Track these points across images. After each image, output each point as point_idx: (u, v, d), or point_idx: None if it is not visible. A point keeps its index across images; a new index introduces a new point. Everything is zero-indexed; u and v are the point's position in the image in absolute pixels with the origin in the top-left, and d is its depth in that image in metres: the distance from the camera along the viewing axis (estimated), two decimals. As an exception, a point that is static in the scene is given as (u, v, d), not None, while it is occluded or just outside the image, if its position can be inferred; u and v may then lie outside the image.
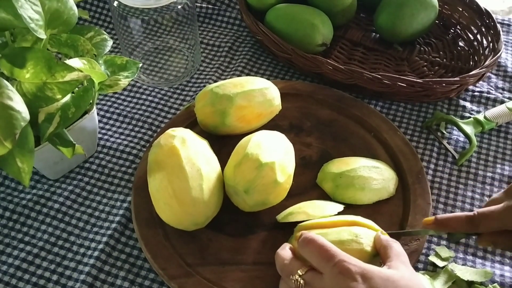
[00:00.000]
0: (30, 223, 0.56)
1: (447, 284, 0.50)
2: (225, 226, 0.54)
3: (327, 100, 0.65)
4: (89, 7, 0.81)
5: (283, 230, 0.53)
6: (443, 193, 0.59)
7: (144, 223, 0.53)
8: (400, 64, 0.74)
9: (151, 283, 0.51)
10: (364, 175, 0.55)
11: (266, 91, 0.59)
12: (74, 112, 0.49)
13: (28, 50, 0.45)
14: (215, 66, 0.74)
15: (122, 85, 0.55)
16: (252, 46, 0.77)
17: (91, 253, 0.53)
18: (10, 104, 0.41)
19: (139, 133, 0.65)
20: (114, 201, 0.58)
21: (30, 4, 0.45)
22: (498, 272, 0.52)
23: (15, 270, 0.52)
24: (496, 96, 0.70)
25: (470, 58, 0.75)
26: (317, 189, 0.57)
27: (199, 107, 0.59)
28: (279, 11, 0.73)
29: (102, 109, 0.68)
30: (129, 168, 0.61)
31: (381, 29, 0.75)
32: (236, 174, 0.50)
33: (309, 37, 0.70)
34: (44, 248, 0.54)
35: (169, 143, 0.51)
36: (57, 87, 0.45)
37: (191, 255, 0.51)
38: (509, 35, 0.81)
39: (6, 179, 0.59)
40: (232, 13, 0.81)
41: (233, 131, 0.59)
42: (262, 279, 0.50)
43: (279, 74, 0.73)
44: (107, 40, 0.58)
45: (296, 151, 0.57)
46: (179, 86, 0.71)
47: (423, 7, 0.72)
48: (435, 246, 0.54)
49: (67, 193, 0.58)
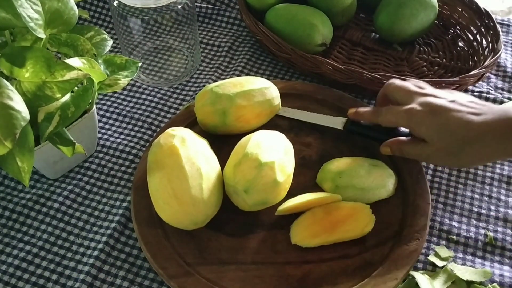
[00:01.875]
0: (29, 222, 0.56)
1: (447, 284, 0.50)
2: (225, 225, 0.54)
3: (327, 100, 0.65)
4: (89, 7, 0.81)
5: (282, 230, 0.53)
6: (443, 193, 0.59)
7: (143, 222, 0.53)
8: (400, 64, 0.75)
9: (151, 283, 0.51)
10: (364, 175, 0.55)
11: (266, 91, 0.59)
12: (74, 111, 0.49)
13: (28, 50, 0.45)
14: (214, 66, 0.74)
15: (122, 84, 0.55)
16: (252, 46, 0.77)
17: (91, 253, 0.53)
18: (10, 104, 0.41)
19: (138, 133, 0.65)
20: (114, 201, 0.58)
21: (29, 3, 0.45)
22: (498, 272, 0.52)
23: (14, 270, 0.52)
24: (496, 97, 0.70)
25: (470, 58, 0.75)
26: (316, 189, 0.57)
27: (199, 106, 0.59)
28: (279, 11, 0.73)
29: (102, 109, 0.68)
30: (128, 168, 0.61)
31: (381, 29, 0.75)
32: (236, 173, 0.50)
33: (308, 37, 0.70)
34: (43, 248, 0.54)
35: (169, 143, 0.51)
36: (56, 86, 0.45)
37: (191, 254, 0.51)
38: (509, 36, 0.81)
39: (6, 179, 0.59)
40: (232, 13, 0.81)
41: (232, 131, 0.59)
42: (261, 279, 0.50)
43: (278, 74, 0.73)
44: (107, 39, 0.58)
45: (295, 150, 0.57)
46: (179, 85, 0.71)
47: (423, 7, 0.72)
48: (434, 246, 0.54)
49: (67, 193, 0.58)
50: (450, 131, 0.49)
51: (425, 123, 0.50)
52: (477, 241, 0.55)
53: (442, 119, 0.49)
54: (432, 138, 0.51)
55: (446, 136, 0.49)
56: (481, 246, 0.54)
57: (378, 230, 0.53)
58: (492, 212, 0.57)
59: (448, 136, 0.49)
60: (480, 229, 0.56)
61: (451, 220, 0.56)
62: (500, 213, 0.57)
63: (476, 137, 0.48)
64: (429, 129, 0.50)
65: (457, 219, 0.56)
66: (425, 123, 0.50)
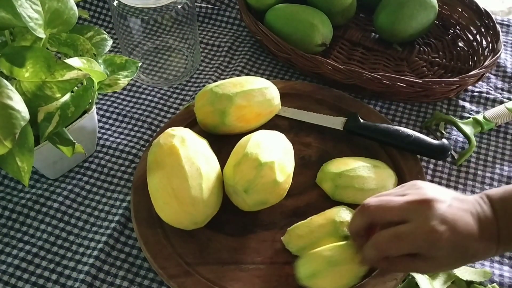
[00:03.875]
0: (29, 222, 0.56)
1: (446, 284, 0.50)
2: (225, 225, 0.54)
3: (326, 100, 0.65)
4: (89, 7, 0.81)
5: (282, 230, 0.53)
6: (442, 193, 0.59)
7: (143, 222, 0.53)
8: (400, 64, 0.74)
9: (151, 283, 0.51)
10: (364, 175, 0.55)
11: (265, 90, 0.59)
12: (74, 111, 0.49)
13: (28, 49, 0.45)
14: (214, 66, 0.74)
15: (122, 84, 0.55)
16: (252, 46, 0.77)
17: (91, 253, 0.53)
18: (9, 104, 0.41)
19: (138, 133, 0.65)
20: (114, 201, 0.58)
21: (29, 3, 0.45)
22: (497, 272, 0.52)
23: (14, 269, 0.52)
24: (496, 97, 0.70)
25: (470, 58, 0.75)
26: (316, 189, 0.57)
27: (199, 106, 0.59)
28: (279, 11, 0.73)
29: (102, 109, 0.68)
30: (128, 168, 0.61)
31: (381, 29, 0.75)
32: (236, 173, 0.50)
33: (308, 37, 0.70)
34: (43, 247, 0.54)
35: (169, 143, 0.51)
36: (56, 86, 0.45)
37: (191, 254, 0.51)
38: (509, 36, 0.81)
39: (6, 178, 0.59)
40: (232, 13, 0.81)
41: (232, 131, 0.59)
42: (261, 279, 0.50)
43: (278, 74, 0.73)
44: (107, 39, 0.58)
45: (295, 150, 0.57)
46: (179, 85, 0.71)
47: (423, 8, 0.72)
48: (434, 246, 0.54)
49: (67, 193, 0.58)
50: (467, 257, 0.42)
51: (447, 249, 0.40)
52: (476, 241, 0.55)
53: (466, 252, 0.41)
54: (445, 263, 0.42)
55: (460, 260, 0.42)
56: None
57: (378, 230, 0.53)
58: (492, 212, 0.57)
59: (461, 260, 0.42)
60: (480, 229, 0.56)
61: (451, 220, 0.56)
62: (499, 213, 0.57)
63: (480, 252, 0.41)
64: (449, 258, 0.41)
65: (457, 219, 0.56)
66: (447, 249, 0.40)
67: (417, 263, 0.42)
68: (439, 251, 0.40)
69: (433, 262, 0.41)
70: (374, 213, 0.43)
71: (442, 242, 0.40)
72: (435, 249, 0.40)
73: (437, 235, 0.39)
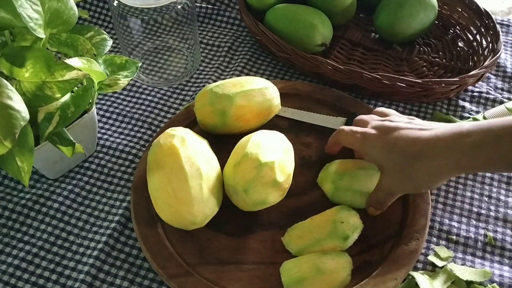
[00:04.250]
0: (29, 222, 0.56)
1: (446, 284, 0.50)
2: (225, 225, 0.54)
3: (326, 100, 0.65)
4: (89, 7, 0.81)
5: (282, 230, 0.53)
6: (443, 193, 0.59)
7: (143, 222, 0.53)
8: (400, 64, 0.75)
9: (150, 283, 0.51)
10: (365, 179, 0.54)
11: (265, 91, 0.59)
12: (74, 111, 0.49)
13: (28, 49, 0.45)
14: (214, 66, 0.74)
15: (122, 84, 0.55)
16: (252, 46, 0.77)
17: (91, 253, 0.53)
18: (9, 104, 0.41)
19: (138, 133, 0.65)
20: (114, 201, 0.58)
21: (29, 3, 0.45)
22: (497, 272, 0.52)
23: (14, 269, 0.52)
24: (496, 97, 0.70)
25: (470, 58, 0.75)
26: (316, 189, 0.57)
27: (199, 106, 0.59)
28: (279, 11, 0.73)
29: (102, 109, 0.68)
30: (128, 168, 0.61)
31: (381, 29, 0.75)
32: (236, 173, 0.50)
33: (308, 37, 0.70)
34: (43, 248, 0.54)
35: (169, 143, 0.51)
36: (56, 86, 0.45)
37: (191, 254, 0.51)
38: (509, 36, 0.81)
39: (6, 178, 0.59)
40: (232, 13, 0.81)
41: (232, 131, 0.59)
42: (261, 279, 0.50)
43: (278, 74, 0.73)
44: (107, 39, 0.58)
45: (295, 150, 0.57)
46: (179, 85, 0.71)
47: (423, 8, 0.72)
48: (434, 246, 0.54)
49: (67, 193, 0.58)
50: (399, 149, 0.47)
51: (376, 145, 0.49)
52: (476, 241, 0.55)
53: (391, 139, 0.48)
54: (384, 161, 0.49)
55: (395, 155, 0.48)
56: (480, 246, 0.54)
57: (378, 230, 0.53)
58: (491, 212, 0.57)
59: (398, 155, 0.48)
60: (480, 229, 0.56)
61: (451, 220, 0.56)
62: (499, 213, 0.57)
63: (424, 151, 0.46)
64: (379, 151, 0.49)
65: (457, 219, 0.56)
66: (376, 145, 0.49)
67: (382, 177, 0.51)
68: (372, 150, 0.50)
69: (388, 172, 0.50)
70: (341, 136, 0.54)
71: (370, 139, 0.50)
72: (367, 147, 0.50)
73: (366, 133, 0.50)
